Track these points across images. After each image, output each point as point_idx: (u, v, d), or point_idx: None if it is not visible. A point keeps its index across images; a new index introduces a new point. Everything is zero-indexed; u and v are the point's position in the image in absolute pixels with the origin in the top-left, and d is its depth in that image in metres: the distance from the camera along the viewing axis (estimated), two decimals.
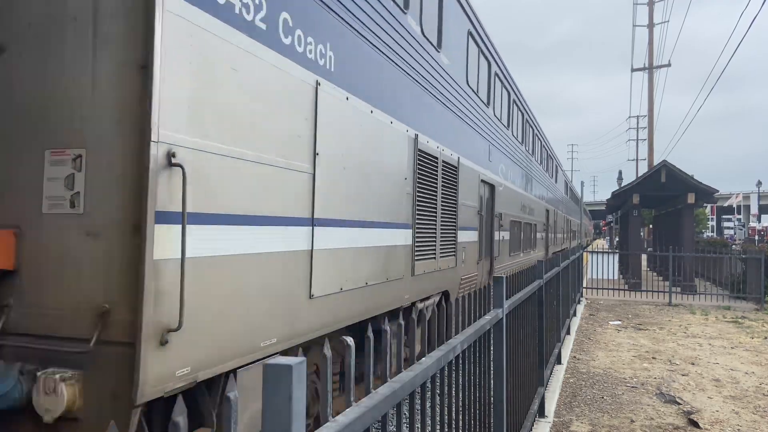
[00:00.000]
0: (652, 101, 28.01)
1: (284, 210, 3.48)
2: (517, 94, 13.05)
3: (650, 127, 28.35)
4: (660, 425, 5.57)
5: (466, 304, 2.74)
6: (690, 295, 16.46)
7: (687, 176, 17.64)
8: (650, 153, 28.01)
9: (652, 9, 27.85)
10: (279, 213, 3.43)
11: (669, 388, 6.76)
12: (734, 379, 7.34)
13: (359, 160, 4.60)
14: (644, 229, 41.93)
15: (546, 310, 6.03)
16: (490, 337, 3.29)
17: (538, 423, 5.45)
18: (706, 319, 12.48)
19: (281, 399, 1.07)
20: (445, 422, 2.38)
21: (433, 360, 2.06)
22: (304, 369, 1.11)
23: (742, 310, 14.04)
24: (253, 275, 3.17)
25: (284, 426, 1.07)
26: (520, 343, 4.36)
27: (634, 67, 29.55)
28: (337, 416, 1.35)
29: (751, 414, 5.96)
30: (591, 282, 18.01)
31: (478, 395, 2.99)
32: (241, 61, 3.04)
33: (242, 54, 3.05)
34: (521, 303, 4.33)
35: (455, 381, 2.53)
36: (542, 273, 5.62)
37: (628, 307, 14.39)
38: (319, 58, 3.89)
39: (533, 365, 5.22)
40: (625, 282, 18.84)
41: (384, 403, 1.58)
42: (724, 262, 17.39)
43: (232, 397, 1.05)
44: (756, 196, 47.35)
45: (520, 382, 4.35)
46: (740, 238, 51.23)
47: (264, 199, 3.28)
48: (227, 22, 2.93)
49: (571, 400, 6.33)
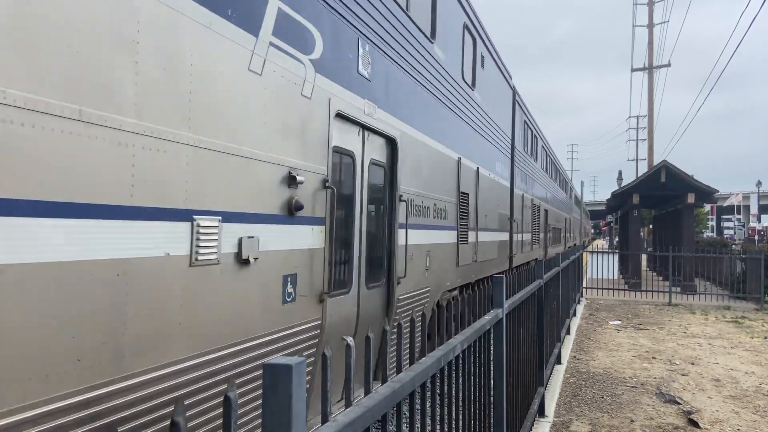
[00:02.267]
0: (652, 101, 28.02)
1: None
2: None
3: (650, 127, 28.36)
4: (660, 425, 5.57)
5: (466, 304, 2.74)
6: (690, 295, 16.46)
7: (687, 176, 17.65)
8: (650, 153, 28.02)
9: (652, 9, 27.86)
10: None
11: (669, 388, 6.77)
12: (734, 378, 7.35)
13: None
14: (644, 229, 41.94)
15: (546, 310, 6.03)
16: (490, 337, 3.29)
17: (538, 423, 5.45)
18: (706, 319, 12.48)
19: (281, 399, 1.07)
20: (445, 422, 2.38)
21: (433, 360, 2.06)
22: (304, 369, 1.11)
23: (742, 310, 14.04)
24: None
25: (284, 426, 1.07)
26: (520, 343, 4.36)
27: (634, 67, 29.58)
28: (338, 416, 1.35)
29: (751, 414, 5.96)
30: (591, 282, 18.01)
31: (478, 395, 2.99)
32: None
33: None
34: (521, 303, 4.33)
35: (455, 381, 2.53)
36: (542, 273, 5.62)
37: (628, 307, 14.40)
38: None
39: (533, 365, 5.22)
40: (625, 282, 18.84)
41: (384, 403, 1.58)
42: (724, 262, 17.40)
43: (232, 396, 1.05)
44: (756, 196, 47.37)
45: (520, 382, 4.35)
46: (740, 238, 51.24)
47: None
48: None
49: (571, 400, 6.33)
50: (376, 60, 4.99)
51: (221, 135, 2.94)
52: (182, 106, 2.69)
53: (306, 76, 3.76)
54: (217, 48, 2.92)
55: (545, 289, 5.96)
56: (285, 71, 3.51)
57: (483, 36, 9.41)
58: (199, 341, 2.77)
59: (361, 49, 4.66)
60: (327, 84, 4.07)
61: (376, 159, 5.14)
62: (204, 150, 2.82)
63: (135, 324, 2.40)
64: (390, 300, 5.43)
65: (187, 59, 2.72)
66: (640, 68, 28.88)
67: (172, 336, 2.61)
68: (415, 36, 5.99)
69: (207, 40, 2.83)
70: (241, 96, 3.09)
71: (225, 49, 2.97)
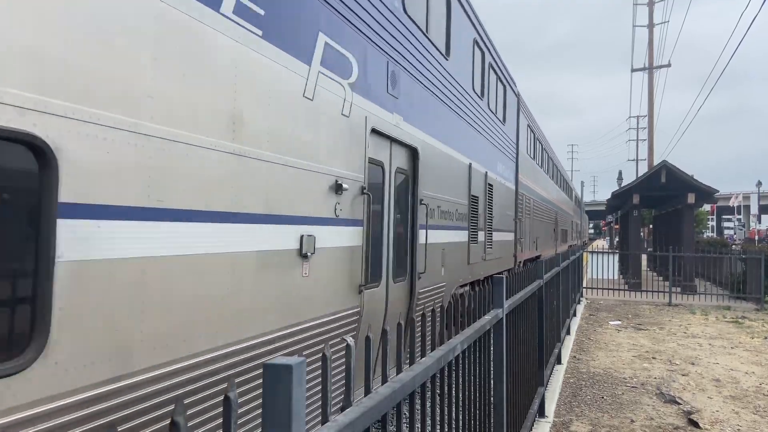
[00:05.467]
0: (652, 101, 28.02)
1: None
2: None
3: (650, 127, 28.35)
4: (660, 425, 5.57)
5: (466, 304, 2.74)
6: (690, 295, 16.46)
7: (687, 176, 17.64)
8: (650, 153, 28.02)
9: (652, 9, 27.86)
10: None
11: (669, 388, 6.76)
12: (734, 379, 7.34)
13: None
14: (644, 229, 41.94)
15: (546, 310, 6.03)
16: (490, 337, 3.29)
17: (538, 423, 5.45)
18: (706, 319, 12.47)
19: (281, 399, 1.07)
20: (445, 422, 2.38)
21: (433, 360, 2.06)
22: (304, 369, 1.11)
23: (742, 310, 14.04)
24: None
25: (284, 426, 1.07)
26: (520, 343, 4.36)
27: (634, 68, 29.57)
28: (338, 416, 1.35)
29: (751, 414, 5.96)
30: (591, 282, 18.00)
31: (478, 395, 2.99)
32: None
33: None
34: (521, 303, 4.33)
35: (455, 381, 2.53)
36: (542, 273, 5.62)
37: (628, 307, 14.39)
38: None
39: (533, 365, 5.22)
40: (625, 282, 18.84)
41: (384, 403, 1.57)
42: (724, 262, 17.39)
43: (232, 397, 1.05)
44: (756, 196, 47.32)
45: (520, 382, 4.35)
46: (740, 238, 51.22)
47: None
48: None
49: (571, 400, 6.33)
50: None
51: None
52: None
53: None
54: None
55: (545, 289, 5.96)
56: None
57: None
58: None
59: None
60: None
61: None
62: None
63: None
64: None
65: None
66: (640, 68, 28.88)
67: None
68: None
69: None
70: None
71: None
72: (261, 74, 3.25)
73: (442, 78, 6.94)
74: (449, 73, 7.29)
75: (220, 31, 2.92)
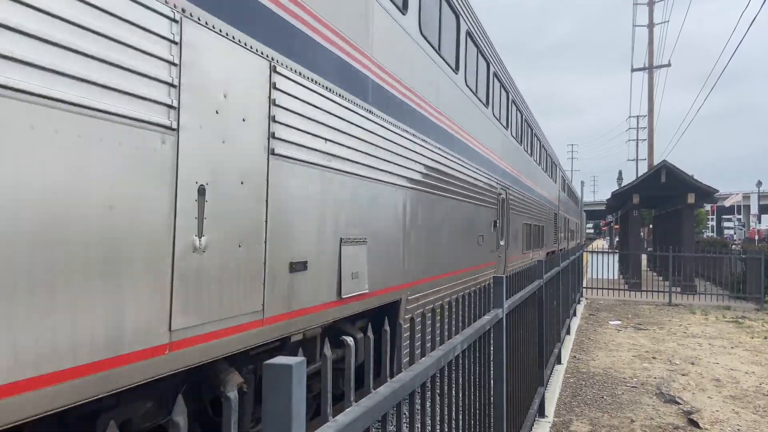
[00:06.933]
0: (652, 101, 28.02)
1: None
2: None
3: (650, 127, 28.35)
4: (660, 425, 5.57)
5: (466, 303, 2.74)
6: (690, 295, 16.45)
7: (687, 176, 17.64)
8: (650, 153, 28.02)
9: (652, 9, 27.85)
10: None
11: (669, 388, 6.76)
12: (734, 378, 7.34)
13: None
14: (644, 229, 41.93)
15: (546, 309, 6.03)
16: (490, 337, 3.29)
17: (538, 423, 5.45)
18: (706, 319, 12.48)
19: (281, 399, 1.07)
20: (445, 422, 2.38)
21: (433, 360, 2.06)
22: (304, 369, 1.11)
23: (742, 310, 14.04)
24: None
25: (284, 426, 1.07)
26: (520, 343, 4.36)
27: (634, 67, 29.55)
28: (338, 416, 1.35)
29: (751, 414, 5.96)
30: (591, 282, 18.00)
31: (478, 395, 2.99)
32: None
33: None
34: (521, 303, 4.33)
35: (455, 381, 2.53)
36: (542, 273, 5.62)
37: (628, 307, 14.40)
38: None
39: (533, 365, 5.22)
40: (625, 282, 18.83)
41: (384, 403, 1.57)
42: (724, 262, 17.39)
43: (232, 397, 1.05)
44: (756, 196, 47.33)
45: (520, 382, 4.35)
46: (740, 238, 51.22)
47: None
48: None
49: (571, 400, 6.33)
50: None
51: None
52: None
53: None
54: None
55: (545, 289, 5.96)
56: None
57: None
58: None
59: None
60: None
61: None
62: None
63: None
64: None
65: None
66: (640, 68, 28.88)
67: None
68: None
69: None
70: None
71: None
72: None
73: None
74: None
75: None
